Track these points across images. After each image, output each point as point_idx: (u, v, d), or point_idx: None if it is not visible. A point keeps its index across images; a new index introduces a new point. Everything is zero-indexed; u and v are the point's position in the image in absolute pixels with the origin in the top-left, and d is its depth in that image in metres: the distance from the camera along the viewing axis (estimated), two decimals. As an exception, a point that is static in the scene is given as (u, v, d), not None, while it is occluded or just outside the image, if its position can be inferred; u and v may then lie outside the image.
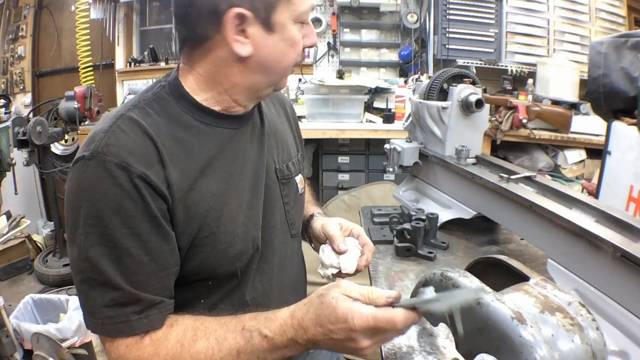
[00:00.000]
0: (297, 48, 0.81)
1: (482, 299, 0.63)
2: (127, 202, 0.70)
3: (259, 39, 0.76)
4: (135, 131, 0.74)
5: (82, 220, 0.70)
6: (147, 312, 0.73)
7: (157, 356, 0.72)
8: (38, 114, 3.23)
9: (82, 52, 3.60)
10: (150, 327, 0.73)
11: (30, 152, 2.81)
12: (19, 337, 1.98)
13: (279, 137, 0.98)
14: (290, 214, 0.97)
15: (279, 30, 0.77)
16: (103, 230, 0.70)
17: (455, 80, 1.33)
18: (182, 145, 0.78)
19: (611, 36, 1.52)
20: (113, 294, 0.71)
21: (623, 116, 1.49)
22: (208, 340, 0.73)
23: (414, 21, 3.33)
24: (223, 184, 0.82)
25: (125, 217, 0.70)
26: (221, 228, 0.80)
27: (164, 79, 0.85)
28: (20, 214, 3.05)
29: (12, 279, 3.06)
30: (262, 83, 0.82)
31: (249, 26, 0.75)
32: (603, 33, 3.11)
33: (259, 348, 0.71)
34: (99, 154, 0.70)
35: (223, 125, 0.84)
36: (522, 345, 0.56)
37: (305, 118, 3.10)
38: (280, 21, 0.76)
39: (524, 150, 2.87)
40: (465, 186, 1.24)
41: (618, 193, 1.46)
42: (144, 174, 0.71)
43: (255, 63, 0.79)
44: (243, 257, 0.84)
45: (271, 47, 0.78)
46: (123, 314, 0.71)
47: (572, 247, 0.87)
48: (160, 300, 0.74)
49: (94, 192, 0.70)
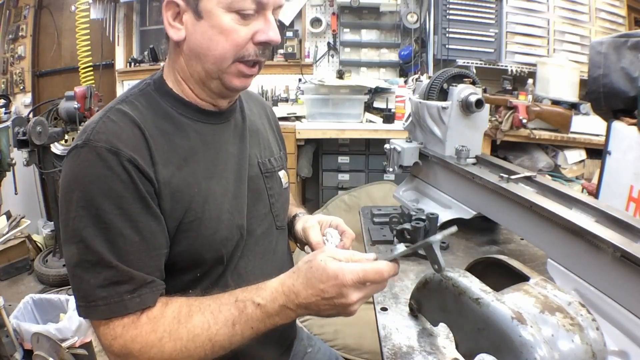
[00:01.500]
0: (231, 37, 0.79)
1: (481, 299, 0.63)
2: (118, 184, 0.73)
3: (189, 25, 0.81)
4: (123, 120, 0.78)
5: (75, 204, 0.73)
6: (139, 291, 0.74)
7: (154, 333, 0.74)
8: (38, 114, 3.22)
9: (82, 52, 3.60)
10: (143, 306, 0.75)
11: (30, 152, 2.81)
12: (19, 337, 1.98)
13: (260, 135, 1.03)
14: (275, 206, 1.00)
15: (207, 17, 0.79)
16: (95, 212, 0.72)
17: (455, 80, 1.33)
18: (166, 136, 0.82)
19: (611, 36, 1.52)
20: (106, 273, 0.73)
21: (623, 116, 1.48)
22: (203, 315, 0.75)
23: (414, 21, 3.33)
24: (206, 173, 0.85)
25: (116, 199, 0.73)
26: (206, 214, 0.83)
27: (149, 77, 0.90)
28: (20, 214, 3.05)
29: (12, 279, 3.06)
30: (200, 71, 0.84)
31: (184, 13, 0.80)
32: (603, 33, 3.11)
33: (253, 317, 0.74)
34: (90, 142, 0.74)
35: (205, 120, 0.89)
36: (522, 345, 0.56)
37: (305, 118, 3.10)
38: (207, 8, 0.78)
39: (524, 150, 2.87)
40: (465, 186, 1.24)
41: (618, 193, 1.46)
42: (133, 158, 0.75)
43: (188, 49, 0.83)
44: (228, 244, 0.87)
45: (199, 33, 0.80)
46: (116, 293, 0.73)
47: (572, 247, 0.87)
48: (152, 280, 0.76)
49: (86, 177, 0.73)
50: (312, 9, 3.49)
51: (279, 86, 3.45)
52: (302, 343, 1.14)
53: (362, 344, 2.03)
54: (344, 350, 2.04)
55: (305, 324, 2.14)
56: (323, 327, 2.12)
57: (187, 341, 0.74)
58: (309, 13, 3.49)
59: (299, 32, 3.51)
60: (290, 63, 3.47)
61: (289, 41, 3.46)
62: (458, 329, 0.69)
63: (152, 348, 0.73)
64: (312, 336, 1.23)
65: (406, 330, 0.84)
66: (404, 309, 0.91)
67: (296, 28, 3.52)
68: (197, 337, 0.74)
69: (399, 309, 0.92)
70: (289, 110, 3.06)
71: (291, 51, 3.45)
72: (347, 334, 2.07)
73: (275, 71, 3.50)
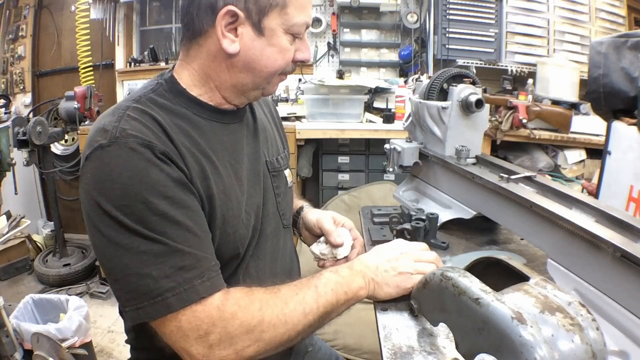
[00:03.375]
0: (285, 56, 0.84)
1: (481, 299, 0.63)
2: (159, 174, 0.72)
3: (247, 39, 0.81)
4: (145, 118, 0.77)
5: (117, 202, 0.69)
6: (208, 274, 0.73)
7: (251, 304, 0.75)
8: (38, 114, 3.23)
9: (82, 52, 3.60)
10: (214, 290, 0.74)
11: (30, 152, 2.81)
12: (19, 337, 1.98)
13: (267, 134, 1.04)
14: (281, 205, 1.02)
15: (268, 35, 0.81)
16: (143, 205, 0.70)
17: (455, 80, 1.33)
18: (186, 134, 0.81)
19: (611, 36, 1.52)
20: (171, 260, 0.70)
21: (623, 116, 1.48)
22: (288, 287, 0.80)
23: (414, 21, 3.33)
24: (227, 172, 0.86)
25: (162, 188, 0.72)
26: (229, 212, 0.83)
27: (159, 77, 0.89)
28: (20, 214, 3.05)
29: (12, 279, 3.07)
30: (248, 83, 0.86)
31: (240, 25, 0.80)
32: (603, 33, 3.11)
33: (331, 279, 0.83)
34: (118, 139, 0.71)
35: (219, 120, 0.88)
36: (522, 345, 0.56)
37: (305, 118, 3.10)
38: (271, 26, 0.80)
39: (524, 150, 2.87)
40: (465, 186, 1.24)
41: (618, 193, 1.46)
42: (165, 151, 0.74)
43: (241, 62, 0.83)
44: (245, 242, 0.88)
45: (258, 49, 0.82)
46: (185, 280, 0.70)
47: (572, 247, 0.87)
48: (215, 262, 0.76)
49: (122, 172, 0.70)
50: (312, 9, 3.49)
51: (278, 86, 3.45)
52: (303, 343, 1.14)
53: (362, 344, 2.03)
54: (344, 350, 2.04)
55: (305, 324, 2.14)
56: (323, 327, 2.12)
57: (282, 307, 0.76)
58: (309, 13, 3.49)
59: (299, 32, 3.51)
60: (290, 63, 3.47)
61: (289, 41, 3.46)
62: (458, 329, 0.69)
63: (252, 319, 0.73)
64: (312, 336, 1.23)
65: (406, 330, 0.84)
66: (404, 309, 0.91)
67: (296, 28, 3.52)
68: (289, 302, 0.77)
69: (399, 309, 0.92)
70: (289, 110, 3.06)
71: (291, 51, 3.45)
72: (347, 334, 2.07)
73: (275, 71, 3.50)
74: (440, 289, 0.72)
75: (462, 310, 0.66)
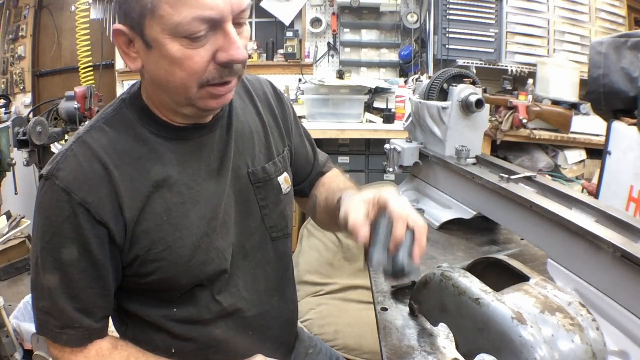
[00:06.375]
0: (185, 65, 0.69)
1: (481, 299, 0.63)
2: (66, 224, 0.75)
3: (142, 54, 0.73)
4: (85, 155, 0.76)
5: (36, 228, 0.78)
6: (66, 330, 0.78)
7: None
8: (38, 114, 3.22)
9: (82, 52, 3.60)
10: (68, 345, 0.80)
11: (30, 152, 2.80)
12: (19, 337, 1.98)
13: (253, 140, 0.92)
14: (268, 217, 0.93)
15: (155, 47, 0.70)
16: (45, 244, 0.76)
17: (455, 80, 1.33)
18: (136, 163, 0.78)
19: (611, 36, 1.52)
20: (44, 302, 0.78)
21: (623, 116, 1.49)
22: None
23: (414, 21, 3.32)
24: (180, 197, 0.81)
25: (61, 237, 0.75)
26: (178, 242, 0.80)
27: (126, 91, 0.85)
28: (20, 214, 3.05)
29: (12, 279, 3.06)
30: (168, 101, 0.78)
31: (135, 41, 0.72)
32: (603, 33, 3.11)
33: None
34: (51, 176, 0.75)
35: (183, 137, 0.82)
36: (522, 345, 0.56)
37: (305, 118, 3.10)
38: (152, 36, 0.69)
39: (524, 150, 2.87)
40: (465, 186, 1.24)
41: (618, 193, 1.46)
42: (84, 201, 0.74)
43: (149, 79, 0.77)
44: (207, 268, 0.83)
45: (153, 63, 0.72)
46: (48, 324, 0.79)
47: (572, 247, 0.87)
48: (78, 325, 0.78)
49: (42, 209, 0.77)
50: (312, 9, 3.49)
51: (278, 86, 3.44)
52: (304, 344, 1.14)
53: (362, 344, 2.03)
54: (344, 350, 2.04)
55: (305, 324, 2.14)
56: (323, 327, 2.12)
57: None
58: (309, 13, 3.48)
59: (299, 32, 3.51)
60: (290, 63, 3.47)
61: (289, 41, 3.46)
62: (458, 329, 0.69)
63: None
64: (312, 336, 1.23)
65: (406, 330, 0.84)
66: (404, 309, 0.91)
67: (296, 28, 3.51)
68: None
69: (399, 309, 0.92)
70: (289, 110, 3.06)
71: (291, 51, 3.45)
72: (347, 334, 2.07)
73: (275, 71, 3.50)
74: (440, 289, 0.72)
75: (462, 310, 0.66)
